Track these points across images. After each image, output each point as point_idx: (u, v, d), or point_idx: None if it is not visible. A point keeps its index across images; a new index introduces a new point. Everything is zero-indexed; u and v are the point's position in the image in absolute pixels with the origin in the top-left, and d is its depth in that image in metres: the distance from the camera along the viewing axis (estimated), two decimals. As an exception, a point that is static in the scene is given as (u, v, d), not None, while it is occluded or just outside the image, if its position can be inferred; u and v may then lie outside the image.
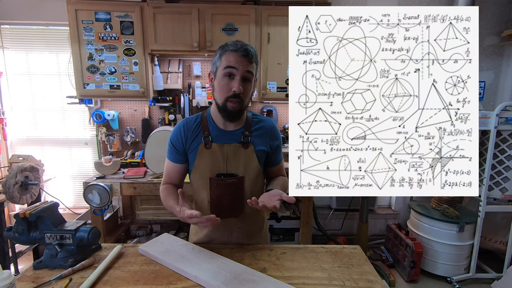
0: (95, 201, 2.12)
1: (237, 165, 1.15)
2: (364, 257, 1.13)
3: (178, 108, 2.68)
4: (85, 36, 2.28)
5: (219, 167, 1.14)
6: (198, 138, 1.15)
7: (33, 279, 0.99)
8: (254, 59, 1.07)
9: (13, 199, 1.98)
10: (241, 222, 1.21)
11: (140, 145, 2.77)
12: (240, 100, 1.07)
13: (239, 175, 1.15)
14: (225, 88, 1.06)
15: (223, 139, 1.15)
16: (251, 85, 1.10)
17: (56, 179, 2.81)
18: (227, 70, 1.05)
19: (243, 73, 1.05)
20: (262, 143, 1.18)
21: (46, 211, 1.09)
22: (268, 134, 1.20)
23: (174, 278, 0.99)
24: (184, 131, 1.16)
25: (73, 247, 1.07)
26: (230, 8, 2.30)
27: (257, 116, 1.23)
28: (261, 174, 1.21)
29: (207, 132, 1.15)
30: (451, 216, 2.40)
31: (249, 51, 1.05)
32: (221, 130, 1.16)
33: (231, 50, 1.05)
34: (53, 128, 2.85)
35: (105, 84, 2.35)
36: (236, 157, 1.15)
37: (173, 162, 1.20)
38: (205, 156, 1.14)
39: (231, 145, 1.14)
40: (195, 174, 1.18)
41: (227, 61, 1.05)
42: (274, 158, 1.25)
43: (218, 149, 1.14)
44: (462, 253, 2.44)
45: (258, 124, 1.20)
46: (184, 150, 1.17)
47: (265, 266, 1.06)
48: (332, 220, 3.02)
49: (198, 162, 1.15)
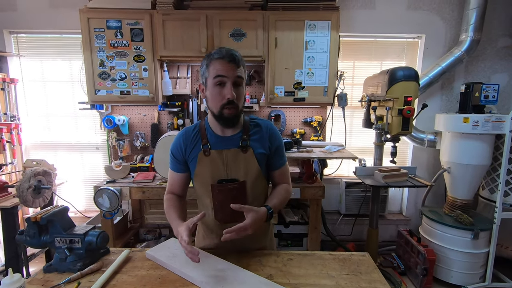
0: (105, 205, 2.15)
1: (237, 170, 1.15)
2: (373, 264, 1.11)
3: (187, 113, 2.71)
4: (96, 43, 2.34)
5: (219, 173, 1.15)
6: (197, 146, 1.16)
7: (43, 282, 1.01)
8: (241, 63, 1.08)
9: (26, 203, 2.03)
10: None
11: (150, 149, 2.80)
12: (235, 106, 1.08)
13: (240, 179, 1.15)
14: (218, 97, 1.07)
15: (221, 145, 1.15)
16: (242, 88, 1.11)
17: (68, 183, 2.87)
18: (217, 79, 1.06)
19: (234, 79, 1.06)
20: (261, 146, 1.17)
21: (57, 215, 1.11)
22: (266, 137, 1.19)
23: (181, 283, 0.99)
24: (183, 141, 1.18)
25: (82, 251, 1.09)
26: (238, 13, 2.32)
27: (255, 120, 1.23)
28: (262, 177, 1.21)
29: (206, 139, 1.16)
30: (465, 223, 2.33)
31: (235, 56, 1.06)
32: (219, 137, 1.17)
33: (216, 58, 1.06)
34: (65, 133, 2.92)
35: (115, 90, 2.40)
36: (236, 162, 1.15)
37: (175, 172, 1.23)
38: (205, 164, 1.15)
39: (230, 151, 1.15)
40: (197, 182, 1.20)
41: (216, 70, 1.06)
42: (275, 160, 1.22)
43: (217, 156, 1.14)
44: (477, 261, 2.35)
45: (256, 128, 1.20)
46: (185, 159, 1.19)
47: (271, 273, 1.05)
48: (341, 226, 2.98)
49: (198, 170, 1.16)
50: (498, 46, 2.72)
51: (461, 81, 2.74)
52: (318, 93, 2.43)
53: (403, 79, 2.11)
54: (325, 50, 2.36)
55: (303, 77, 2.41)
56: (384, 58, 2.86)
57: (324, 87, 2.42)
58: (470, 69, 2.76)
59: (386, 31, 2.72)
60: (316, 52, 2.37)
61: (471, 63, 2.74)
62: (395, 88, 2.14)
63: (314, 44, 2.35)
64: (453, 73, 2.74)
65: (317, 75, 2.40)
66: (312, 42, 2.35)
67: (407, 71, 2.13)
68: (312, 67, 2.39)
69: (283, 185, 1.25)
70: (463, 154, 2.34)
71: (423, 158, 2.91)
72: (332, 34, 2.33)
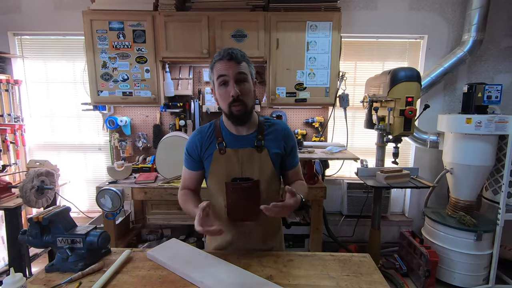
0: (107, 205, 2.17)
1: (252, 169, 1.16)
2: (373, 265, 1.10)
3: (189, 114, 2.72)
4: (99, 45, 2.36)
5: (234, 172, 1.16)
6: (212, 144, 1.18)
7: (44, 282, 1.01)
8: (241, 59, 1.09)
9: (29, 203, 2.05)
10: (258, 225, 1.21)
11: (152, 150, 2.81)
12: (241, 103, 1.09)
13: (254, 178, 1.16)
14: (224, 96, 1.10)
15: (237, 144, 1.17)
16: (248, 84, 1.11)
17: (71, 183, 2.89)
18: (220, 79, 1.09)
19: (235, 76, 1.07)
20: (276, 146, 1.19)
21: (58, 216, 1.12)
22: (281, 137, 1.21)
23: (181, 284, 0.99)
24: (199, 139, 1.20)
25: (83, 251, 1.10)
26: (239, 14, 2.33)
27: (270, 120, 1.24)
28: (276, 177, 1.22)
29: (221, 138, 1.17)
30: (467, 224, 2.31)
31: (233, 53, 1.07)
32: (234, 136, 1.18)
33: (217, 60, 1.09)
34: (68, 134, 2.94)
35: (118, 91, 2.41)
36: (251, 161, 1.16)
37: (189, 170, 1.24)
38: (220, 162, 1.16)
39: (245, 150, 1.16)
40: (211, 180, 1.21)
41: (217, 71, 1.09)
42: (290, 161, 1.24)
43: (232, 154, 1.16)
44: (480, 263, 2.33)
45: (271, 128, 1.21)
46: (200, 157, 1.20)
47: (271, 274, 1.05)
48: (344, 227, 2.97)
49: (213, 168, 1.17)
50: (501, 47, 2.70)
51: (464, 81, 2.73)
52: (319, 93, 2.43)
53: (405, 79, 2.10)
54: (326, 51, 2.36)
55: (304, 77, 2.41)
56: (386, 58, 2.85)
57: (325, 88, 2.42)
58: (473, 70, 2.74)
59: (388, 31, 2.72)
60: (317, 53, 2.37)
61: (474, 64, 2.73)
62: (397, 89, 2.13)
63: (315, 45, 2.35)
64: (455, 73, 2.72)
65: (319, 75, 2.40)
66: (313, 42, 2.35)
67: (409, 72, 2.12)
68: (314, 67, 2.39)
69: (300, 181, 1.27)
70: (466, 155, 2.32)
71: (425, 159, 2.89)
72: (333, 35, 2.33)
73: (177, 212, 2.37)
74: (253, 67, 1.15)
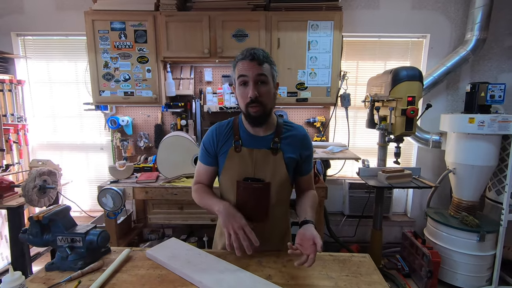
0: (109, 204, 2.18)
1: (265, 170, 1.16)
2: (373, 266, 1.10)
3: (190, 114, 2.72)
4: (101, 45, 2.37)
5: (247, 171, 1.16)
6: (229, 141, 1.19)
7: (44, 280, 1.02)
8: (263, 60, 1.08)
9: (32, 202, 2.06)
10: (266, 227, 1.21)
11: (153, 150, 2.82)
12: (258, 104, 1.09)
13: (266, 180, 1.16)
14: (243, 96, 1.10)
15: (253, 144, 1.17)
16: (268, 86, 1.11)
17: (73, 183, 2.90)
18: (240, 79, 1.09)
19: (255, 77, 1.07)
20: (292, 151, 1.18)
21: (59, 215, 1.13)
22: (299, 143, 1.20)
23: (180, 283, 0.99)
24: (216, 135, 1.21)
25: (83, 250, 1.10)
26: (240, 14, 2.33)
27: (289, 124, 1.23)
28: (289, 181, 1.21)
29: (238, 136, 1.18)
30: (470, 225, 2.29)
31: (255, 54, 1.07)
32: (251, 135, 1.18)
33: (240, 59, 1.10)
34: (71, 133, 2.96)
35: (119, 91, 2.43)
36: (265, 163, 1.16)
37: (204, 164, 1.25)
38: (235, 159, 1.17)
39: (260, 151, 1.16)
40: (224, 176, 1.22)
41: (239, 70, 1.10)
42: (304, 167, 1.24)
43: (247, 153, 1.16)
44: (483, 264, 2.31)
45: (289, 132, 1.20)
46: (215, 153, 1.21)
47: (270, 273, 1.04)
48: (345, 227, 2.96)
49: (227, 165, 1.18)
50: (505, 45, 2.67)
51: (467, 81, 2.70)
52: (321, 93, 2.42)
53: (406, 79, 2.09)
54: (327, 50, 2.35)
55: (305, 77, 2.40)
56: (388, 58, 2.84)
57: (327, 88, 2.41)
58: (476, 69, 2.72)
59: (390, 30, 2.70)
60: (318, 53, 2.36)
61: (477, 63, 2.70)
62: (399, 88, 2.12)
63: (316, 45, 2.35)
64: (458, 72, 2.70)
65: (320, 75, 2.39)
66: (314, 42, 2.34)
67: (411, 71, 2.11)
68: (315, 67, 2.38)
69: (312, 192, 1.27)
70: (468, 155, 2.30)
71: (428, 159, 2.87)
72: (335, 34, 2.32)
73: (178, 212, 2.37)
74: (275, 69, 1.15)
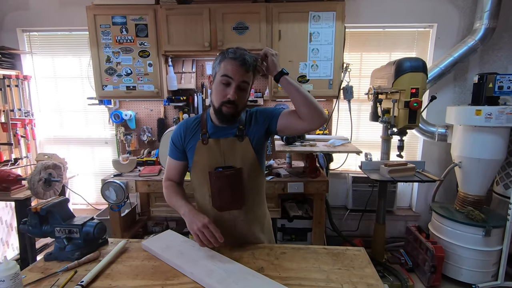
0: (112, 197, 2.22)
1: (234, 158, 1.17)
2: (367, 259, 1.09)
3: (192, 108, 2.73)
4: (103, 39, 2.38)
5: (217, 161, 1.17)
6: (196, 135, 1.20)
7: (42, 269, 1.05)
8: (251, 69, 1.10)
9: (37, 195, 2.12)
10: (244, 214, 1.22)
11: (156, 144, 2.85)
12: (234, 106, 1.10)
13: (237, 167, 1.17)
14: (221, 94, 1.11)
15: (219, 134, 1.19)
16: (246, 93, 1.14)
17: (79, 176, 2.96)
18: (224, 78, 1.09)
19: (239, 82, 1.09)
20: (257, 130, 1.19)
21: (56, 206, 1.15)
22: (256, 119, 1.21)
23: (172, 274, 1.00)
24: (184, 130, 1.23)
25: (80, 241, 1.13)
26: (241, 6, 2.30)
27: (249, 111, 1.24)
28: (259, 166, 1.22)
29: (205, 130, 1.19)
30: (476, 219, 2.24)
31: (247, 61, 1.07)
32: (217, 127, 1.20)
33: (230, 58, 1.08)
34: (77, 128, 3.01)
35: (121, 85, 2.44)
36: (233, 150, 1.17)
37: (173, 159, 1.27)
38: (203, 152, 1.18)
39: (227, 139, 1.18)
40: (194, 170, 1.22)
41: (225, 69, 1.08)
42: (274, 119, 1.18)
43: (214, 144, 1.17)
44: (489, 259, 2.27)
45: (249, 116, 1.22)
46: (183, 147, 1.23)
47: (262, 266, 1.05)
48: (348, 221, 2.94)
49: (196, 158, 1.19)
50: (514, 35, 2.57)
51: (475, 71, 2.62)
52: (323, 86, 2.38)
53: (410, 70, 2.04)
54: (329, 42, 2.31)
55: (307, 70, 2.37)
56: (393, 49, 2.76)
57: (329, 80, 2.38)
58: (485, 59, 2.63)
59: (395, 21, 2.63)
60: (320, 44, 2.32)
61: (487, 53, 2.61)
62: (402, 80, 2.06)
63: (318, 36, 2.30)
64: (466, 63, 2.61)
65: (322, 67, 2.35)
66: (316, 33, 2.30)
67: (414, 62, 2.05)
68: (317, 59, 2.34)
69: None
70: (475, 148, 2.24)
71: (433, 152, 2.81)
72: (337, 25, 2.28)
73: (180, 205, 2.39)
74: (255, 78, 1.17)
